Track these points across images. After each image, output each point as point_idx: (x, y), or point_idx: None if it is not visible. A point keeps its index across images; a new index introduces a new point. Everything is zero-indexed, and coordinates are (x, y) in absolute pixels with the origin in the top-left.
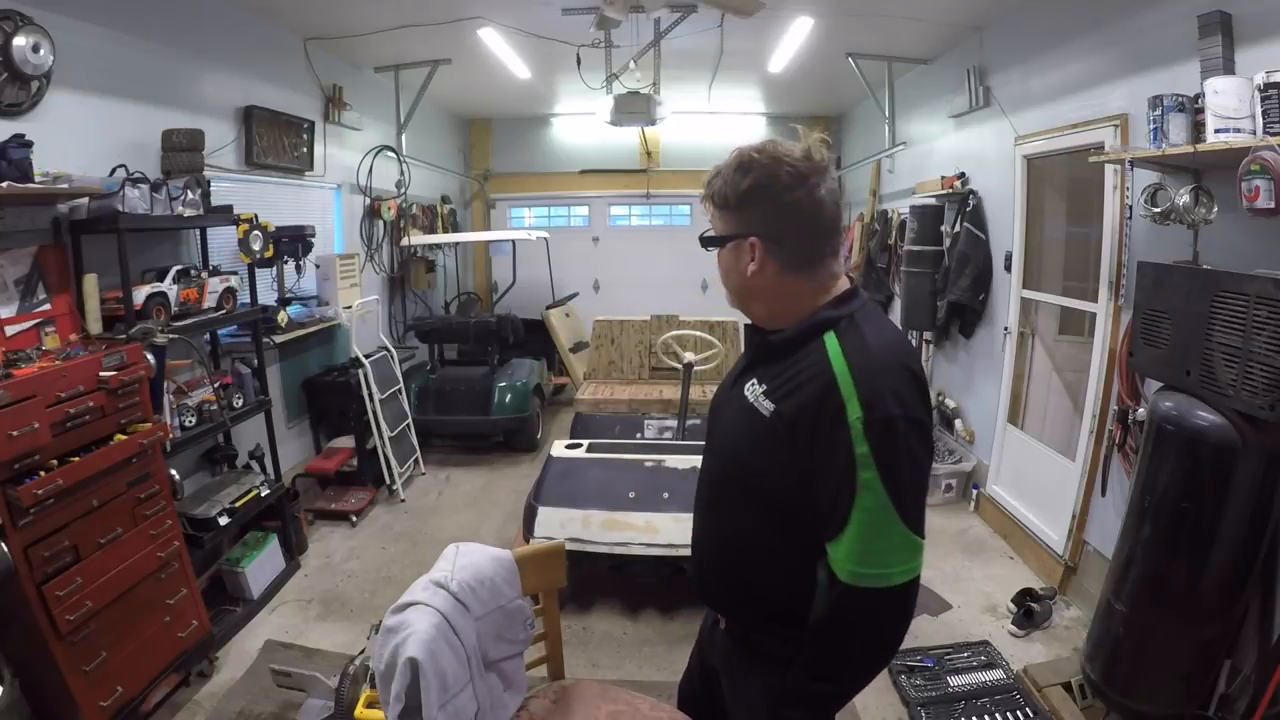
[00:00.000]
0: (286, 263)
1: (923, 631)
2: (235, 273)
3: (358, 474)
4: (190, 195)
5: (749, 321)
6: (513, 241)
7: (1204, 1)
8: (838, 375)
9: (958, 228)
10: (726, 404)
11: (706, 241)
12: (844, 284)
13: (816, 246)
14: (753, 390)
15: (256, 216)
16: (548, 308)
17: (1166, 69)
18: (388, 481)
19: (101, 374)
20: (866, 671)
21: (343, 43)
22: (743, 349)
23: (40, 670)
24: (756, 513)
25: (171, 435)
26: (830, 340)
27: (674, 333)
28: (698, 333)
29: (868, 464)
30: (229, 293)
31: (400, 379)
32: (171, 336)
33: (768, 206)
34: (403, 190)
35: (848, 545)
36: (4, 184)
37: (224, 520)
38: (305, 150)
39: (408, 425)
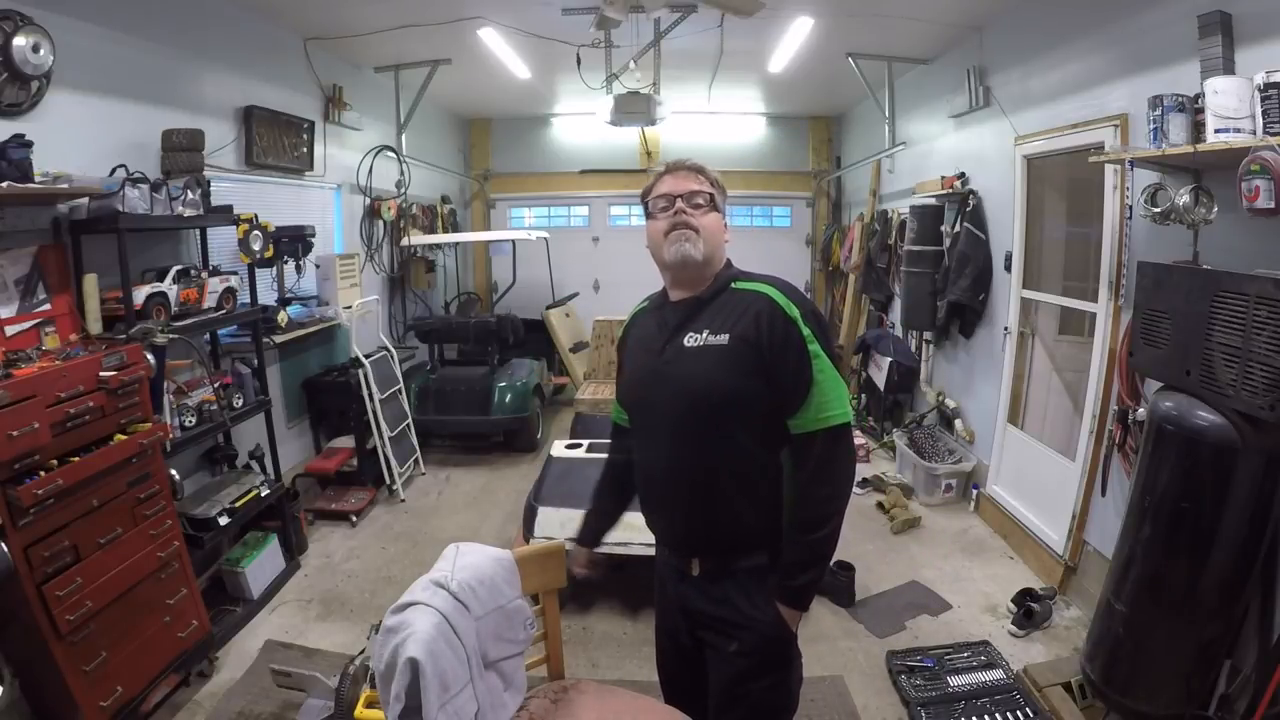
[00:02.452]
0: (286, 263)
1: (923, 631)
2: (235, 273)
3: (358, 474)
4: (190, 195)
5: (651, 309)
6: (513, 241)
7: (1204, 1)
8: (772, 295)
9: (958, 228)
10: (664, 365)
11: (711, 204)
12: None
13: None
14: (694, 339)
15: (256, 216)
16: (548, 308)
17: (1166, 69)
18: (388, 481)
19: (101, 374)
20: (843, 503)
21: (343, 43)
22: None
23: (40, 670)
24: (725, 427)
25: (171, 435)
26: (742, 284)
27: None
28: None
29: (812, 340)
30: (229, 293)
31: (400, 379)
32: (171, 336)
33: (724, 200)
34: (403, 190)
35: (816, 401)
36: (4, 184)
37: (224, 520)
38: (305, 150)
39: (408, 425)
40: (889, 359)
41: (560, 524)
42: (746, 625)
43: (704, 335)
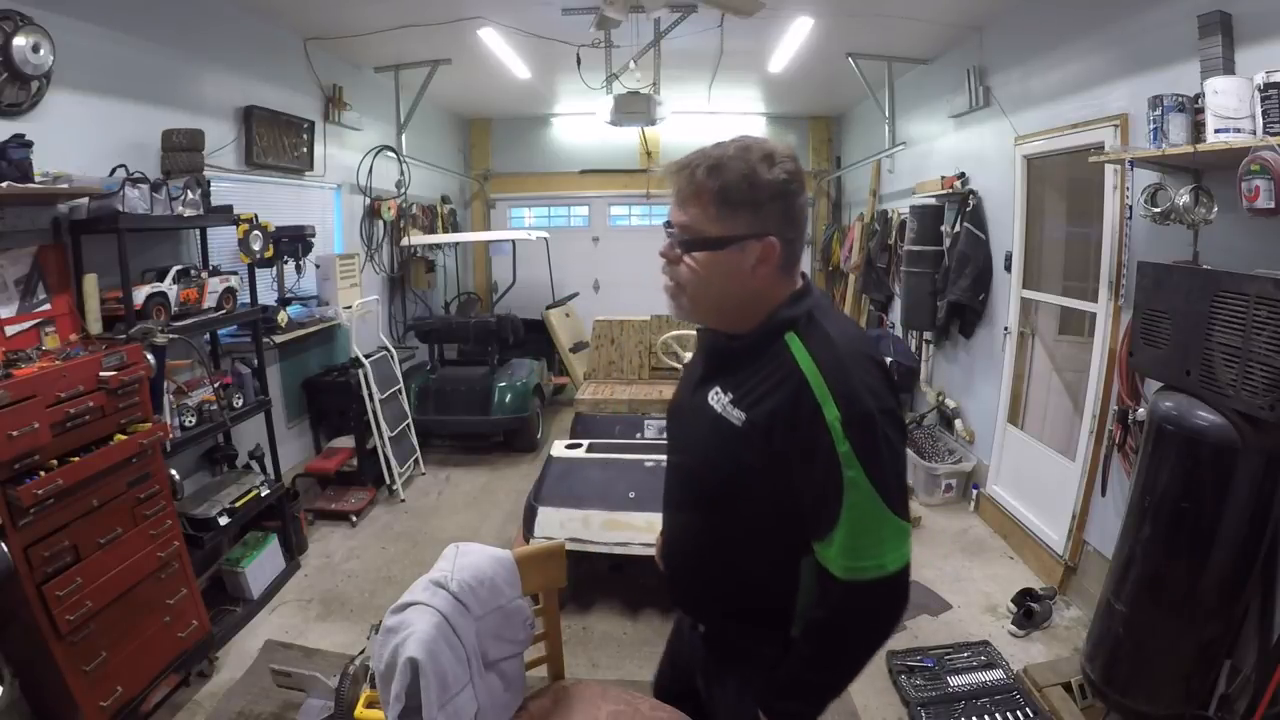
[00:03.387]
0: (286, 263)
1: (923, 631)
2: (235, 273)
3: (358, 474)
4: (190, 195)
5: (703, 328)
6: (513, 241)
7: (1204, 1)
8: (808, 376)
9: (958, 228)
10: (690, 411)
11: (705, 244)
12: (799, 281)
13: (800, 247)
14: (718, 399)
15: (256, 216)
16: (548, 308)
17: (1166, 69)
18: (388, 481)
19: (101, 374)
20: (864, 660)
21: (343, 43)
22: (699, 353)
23: (40, 670)
24: (733, 517)
25: (171, 435)
26: (793, 341)
27: (674, 333)
28: (698, 333)
29: (851, 462)
30: (229, 293)
31: (400, 379)
32: (171, 336)
33: (788, 205)
34: (403, 190)
35: (840, 543)
36: (4, 184)
37: (224, 520)
38: (305, 150)
39: (408, 425)
40: (889, 359)
41: (560, 524)
42: (731, 712)
43: (726, 398)
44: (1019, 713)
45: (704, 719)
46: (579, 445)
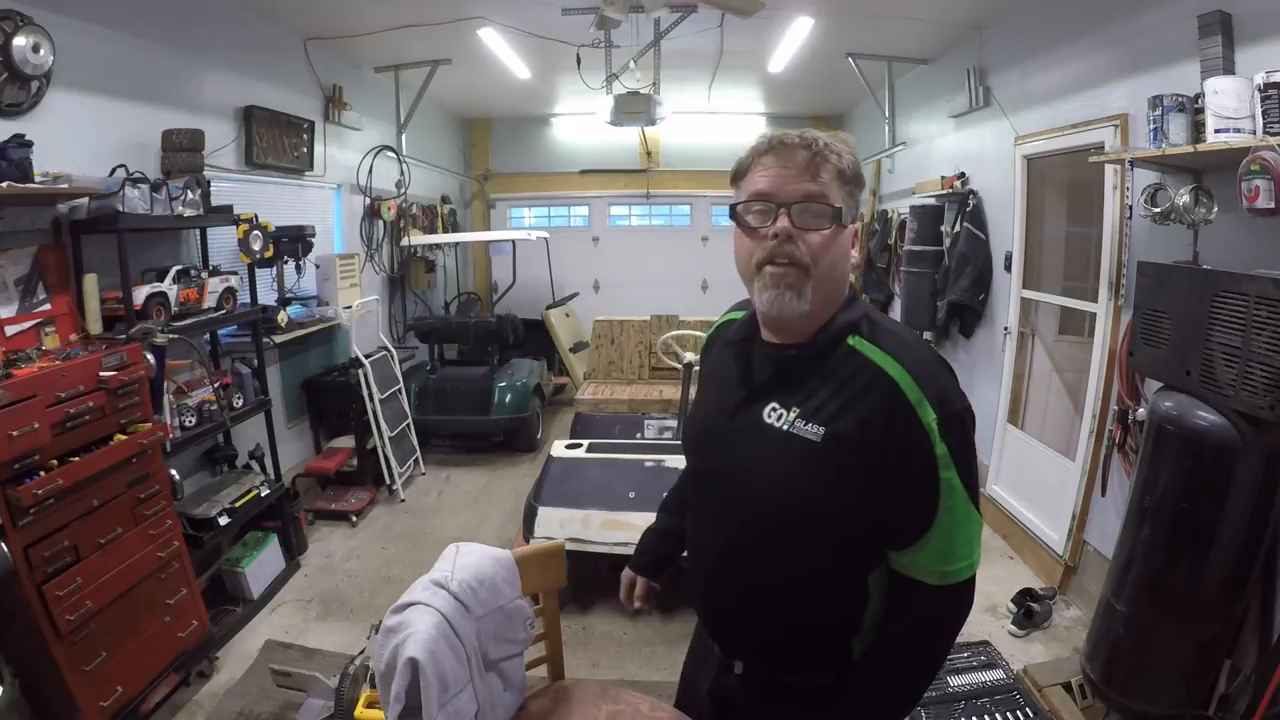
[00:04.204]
0: (286, 263)
1: None
2: (235, 273)
3: (358, 474)
4: (190, 195)
5: (733, 339)
6: (513, 241)
7: (1204, 1)
8: (898, 380)
9: (958, 228)
10: (737, 435)
11: (833, 215)
12: None
13: None
14: (780, 417)
15: (256, 216)
16: (548, 308)
17: (1166, 69)
18: (388, 481)
19: (101, 374)
20: (940, 665)
21: (343, 43)
22: (734, 370)
23: (40, 670)
24: (810, 541)
25: (171, 435)
26: (863, 345)
27: (674, 333)
28: (698, 333)
29: (948, 464)
30: (229, 293)
31: (400, 379)
32: (171, 336)
33: (859, 194)
34: (403, 190)
35: (935, 546)
36: (4, 184)
37: (224, 520)
38: (305, 150)
39: (408, 425)
40: None
41: (560, 524)
42: None
43: (791, 415)
44: (1019, 713)
45: None
46: (579, 445)
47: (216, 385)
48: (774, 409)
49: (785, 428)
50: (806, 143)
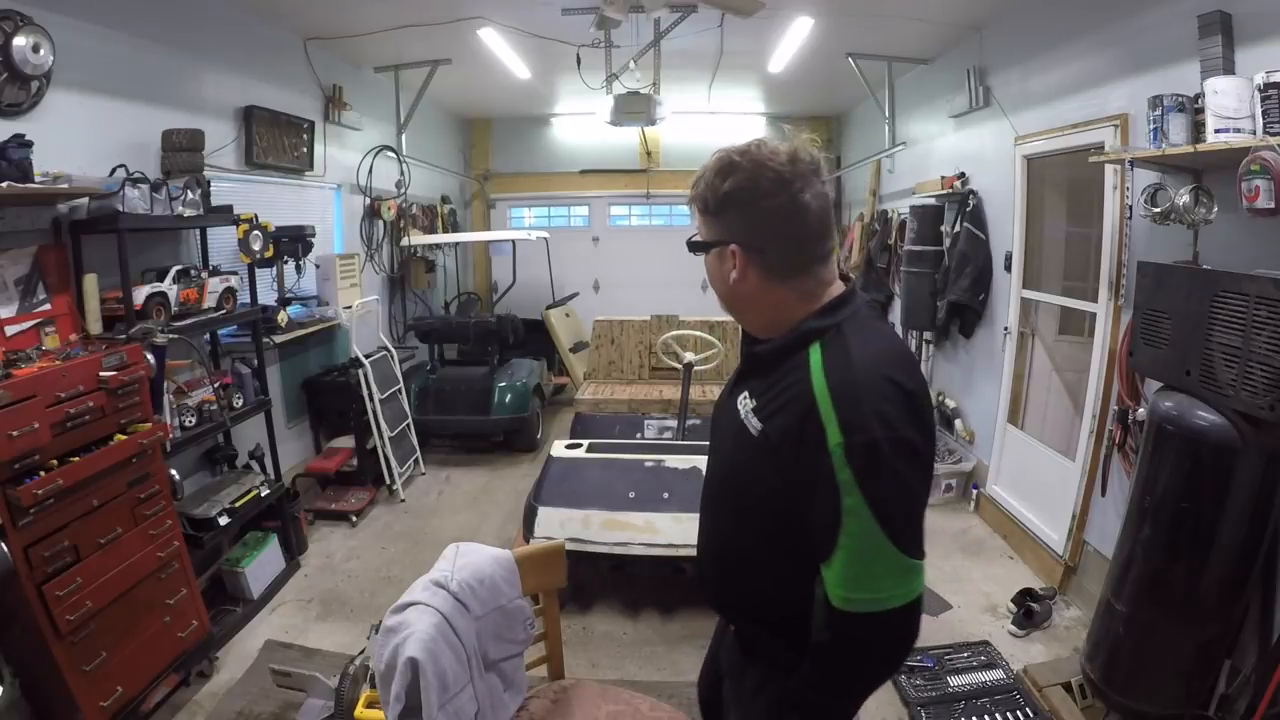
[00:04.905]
0: (286, 263)
1: (923, 631)
2: (235, 273)
3: (358, 474)
4: (190, 195)
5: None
6: (513, 241)
7: (1204, 1)
8: (817, 397)
9: (958, 228)
10: (725, 413)
11: (693, 246)
12: (836, 289)
13: (802, 255)
14: (744, 405)
15: (256, 216)
16: (548, 308)
17: (1166, 69)
18: (388, 481)
19: (101, 374)
20: (867, 689)
21: (343, 43)
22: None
23: (40, 670)
24: (750, 525)
25: (171, 435)
26: (814, 354)
27: (674, 333)
28: (698, 333)
29: (851, 490)
30: (229, 293)
31: (400, 379)
32: (171, 336)
33: (749, 213)
34: (403, 190)
35: (837, 570)
36: (4, 184)
37: (224, 520)
38: (305, 150)
39: (408, 425)
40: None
41: (560, 524)
42: (744, 708)
43: (749, 405)
44: (1019, 713)
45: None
46: (579, 445)
47: (216, 385)
48: (744, 396)
49: (743, 415)
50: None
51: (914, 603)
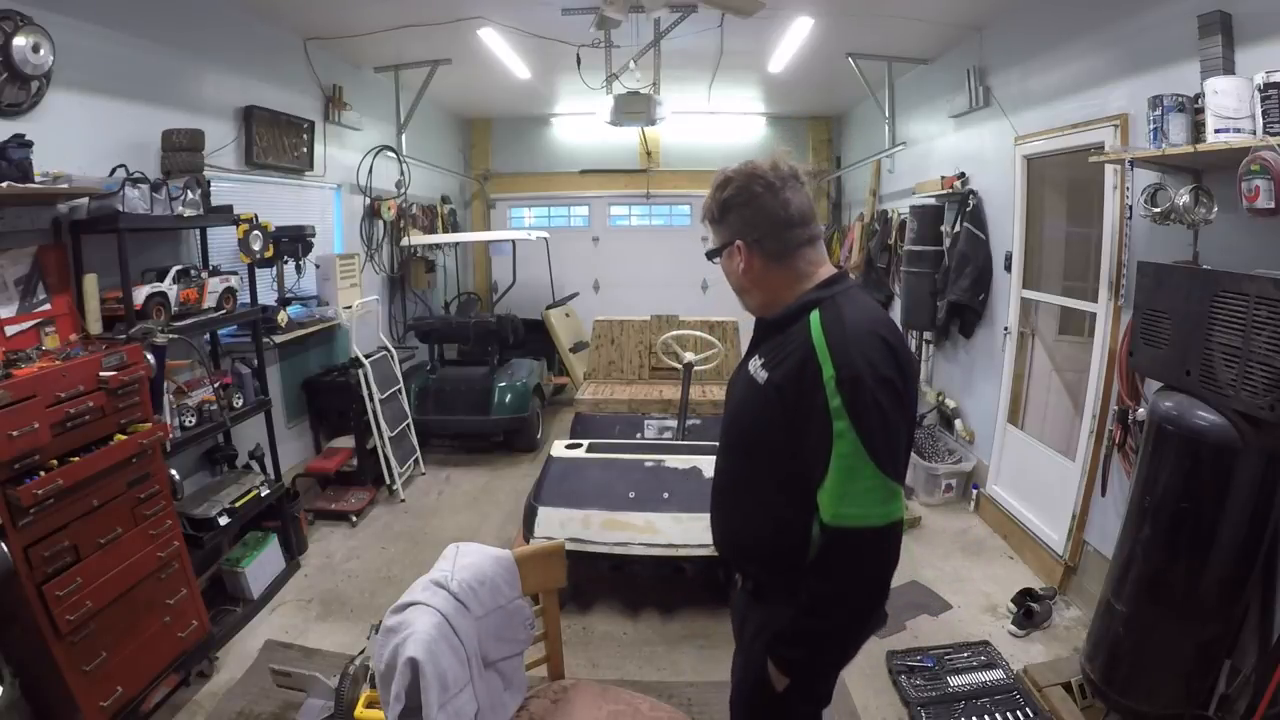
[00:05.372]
0: (286, 263)
1: (923, 631)
2: (235, 273)
3: (358, 474)
4: (190, 195)
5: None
6: (513, 241)
7: (1204, 1)
8: (816, 346)
9: (958, 228)
10: (739, 378)
11: (709, 254)
12: (828, 270)
13: (792, 239)
14: (754, 365)
15: (256, 216)
16: (548, 308)
17: (1166, 69)
18: (388, 481)
19: (101, 374)
20: (854, 611)
21: (343, 43)
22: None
23: (40, 670)
24: (758, 465)
25: (171, 435)
26: (814, 317)
27: (674, 333)
28: (698, 333)
29: (841, 415)
30: (229, 293)
31: (400, 379)
32: (171, 336)
33: (744, 212)
34: (403, 190)
35: (830, 489)
36: (4, 184)
37: (224, 520)
38: (305, 150)
39: (408, 425)
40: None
41: (560, 524)
42: (746, 651)
43: (759, 364)
44: (1019, 713)
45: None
46: (579, 445)
47: (216, 385)
48: (755, 359)
49: (753, 372)
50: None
51: (894, 525)
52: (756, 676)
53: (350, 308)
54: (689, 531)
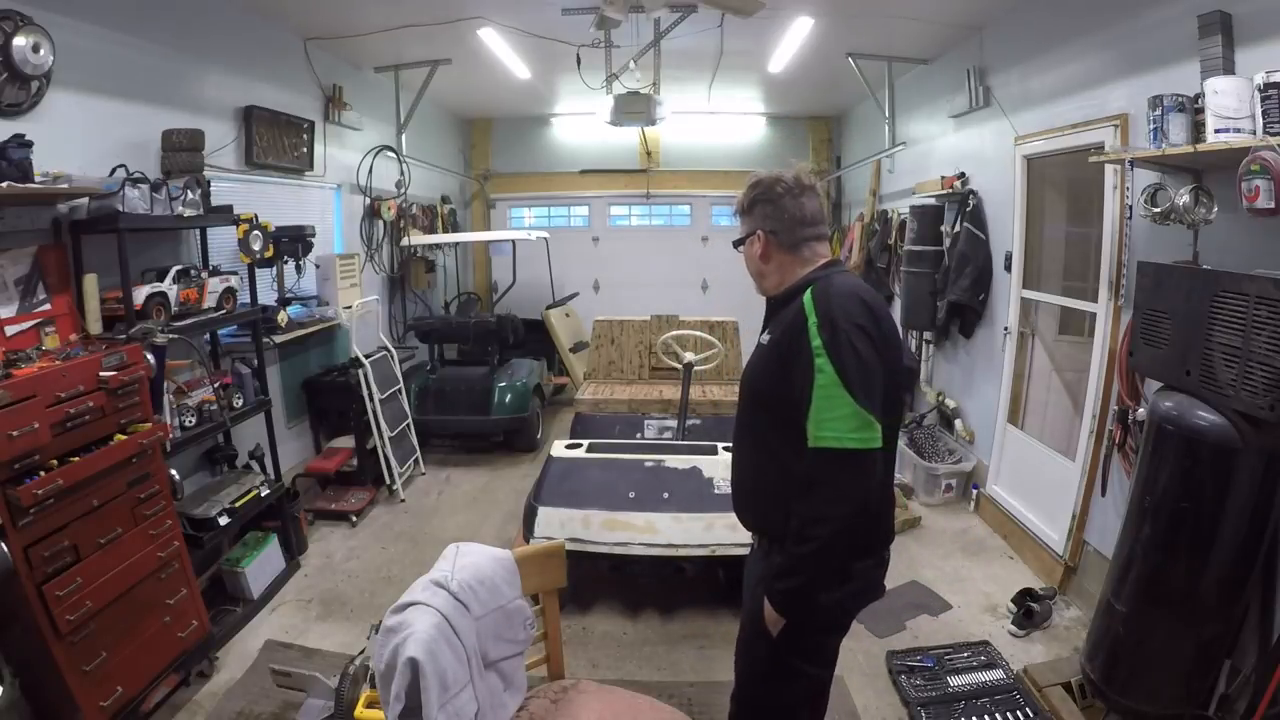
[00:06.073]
0: (286, 263)
1: (923, 631)
2: (235, 273)
3: (358, 474)
4: (190, 195)
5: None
6: (513, 241)
7: (1204, 1)
8: (805, 308)
9: (958, 228)
10: (753, 352)
11: (736, 243)
12: (827, 258)
13: (803, 233)
14: (764, 337)
15: (256, 216)
16: (548, 308)
17: (1166, 69)
18: (388, 481)
19: (101, 374)
20: (835, 533)
21: (343, 43)
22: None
23: (40, 670)
24: (765, 422)
25: (171, 435)
26: (808, 292)
27: (674, 333)
28: (698, 333)
29: (821, 352)
30: (229, 293)
31: (400, 379)
32: (171, 336)
33: (767, 208)
34: (403, 190)
35: (811, 416)
36: (4, 184)
37: (224, 520)
38: (305, 150)
39: (408, 425)
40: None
41: (560, 524)
42: (750, 592)
43: (766, 335)
44: (1019, 713)
45: None
46: (579, 445)
47: (216, 385)
48: (765, 334)
49: (762, 341)
50: None
51: (869, 451)
52: (754, 620)
53: (350, 308)
54: (689, 531)
